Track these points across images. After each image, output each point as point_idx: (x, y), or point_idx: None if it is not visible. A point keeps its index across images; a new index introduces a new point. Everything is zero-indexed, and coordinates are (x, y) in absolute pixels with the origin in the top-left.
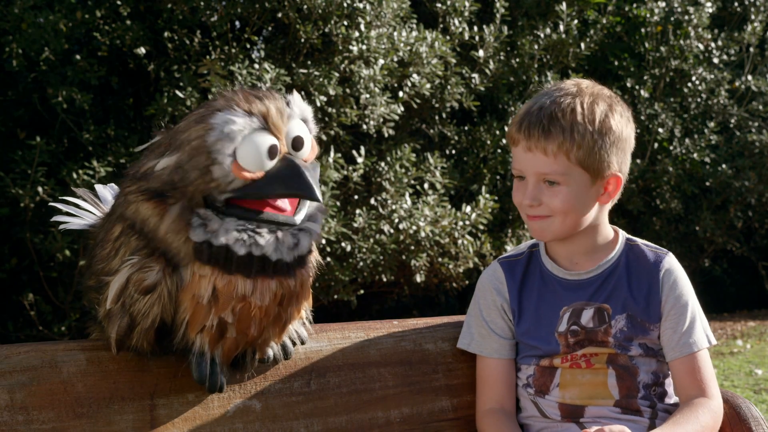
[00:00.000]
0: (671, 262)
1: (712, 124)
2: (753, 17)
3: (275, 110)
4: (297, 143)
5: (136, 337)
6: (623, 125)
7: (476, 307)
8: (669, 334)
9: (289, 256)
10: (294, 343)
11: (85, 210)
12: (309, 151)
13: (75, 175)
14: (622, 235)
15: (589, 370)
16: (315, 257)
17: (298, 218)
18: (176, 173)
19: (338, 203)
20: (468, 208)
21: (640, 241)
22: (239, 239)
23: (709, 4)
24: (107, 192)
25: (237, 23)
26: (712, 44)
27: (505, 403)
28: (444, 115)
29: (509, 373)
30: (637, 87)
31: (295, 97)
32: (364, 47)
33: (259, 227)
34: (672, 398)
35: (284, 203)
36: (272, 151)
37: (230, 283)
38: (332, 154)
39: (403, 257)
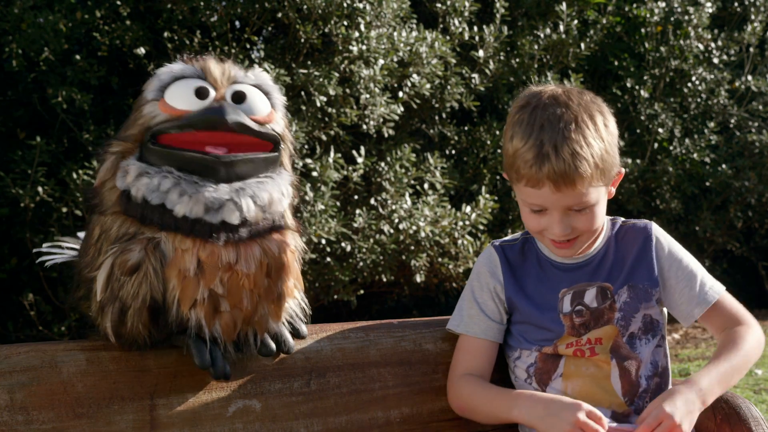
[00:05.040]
0: (657, 229)
1: (712, 124)
2: (753, 17)
3: (218, 69)
4: (238, 97)
5: (130, 321)
6: (614, 121)
7: (469, 290)
8: (687, 294)
9: (230, 216)
10: (295, 335)
11: (69, 249)
12: (263, 111)
13: (75, 175)
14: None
15: (593, 361)
16: (291, 223)
17: (232, 156)
18: (125, 126)
19: (338, 203)
20: (468, 208)
21: (618, 218)
22: (150, 187)
23: (709, 4)
24: None
25: (237, 23)
26: (712, 44)
27: (484, 374)
28: (444, 115)
29: (492, 353)
30: (637, 87)
31: (257, 71)
32: (364, 47)
33: (179, 182)
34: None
35: (218, 150)
36: (201, 92)
37: (213, 253)
38: (332, 154)
39: (403, 257)
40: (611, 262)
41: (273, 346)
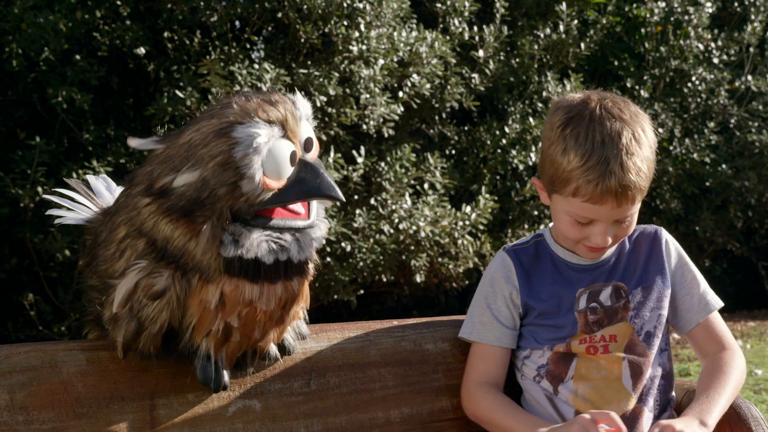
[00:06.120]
0: (666, 234)
1: (712, 124)
2: (753, 17)
3: (291, 116)
4: (308, 144)
5: (143, 342)
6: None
7: (481, 296)
8: (688, 301)
9: (304, 255)
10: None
11: (79, 203)
12: (315, 150)
13: (75, 176)
14: None
15: (606, 360)
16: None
17: (312, 218)
18: (202, 190)
19: (338, 203)
20: (468, 208)
21: None
22: (269, 250)
23: (709, 4)
24: (100, 184)
25: (237, 23)
26: (712, 44)
27: (499, 382)
28: (444, 115)
29: (506, 359)
30: (637, 87)
31: (298, 97)
32: (364, 47)
33: (282, 234)
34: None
35: (298, 206)
36: (293, 158)
37: (237, 289)
38: (332, 154)
39: (403, 257)
40: (625, 262)
41: (276, 352)
